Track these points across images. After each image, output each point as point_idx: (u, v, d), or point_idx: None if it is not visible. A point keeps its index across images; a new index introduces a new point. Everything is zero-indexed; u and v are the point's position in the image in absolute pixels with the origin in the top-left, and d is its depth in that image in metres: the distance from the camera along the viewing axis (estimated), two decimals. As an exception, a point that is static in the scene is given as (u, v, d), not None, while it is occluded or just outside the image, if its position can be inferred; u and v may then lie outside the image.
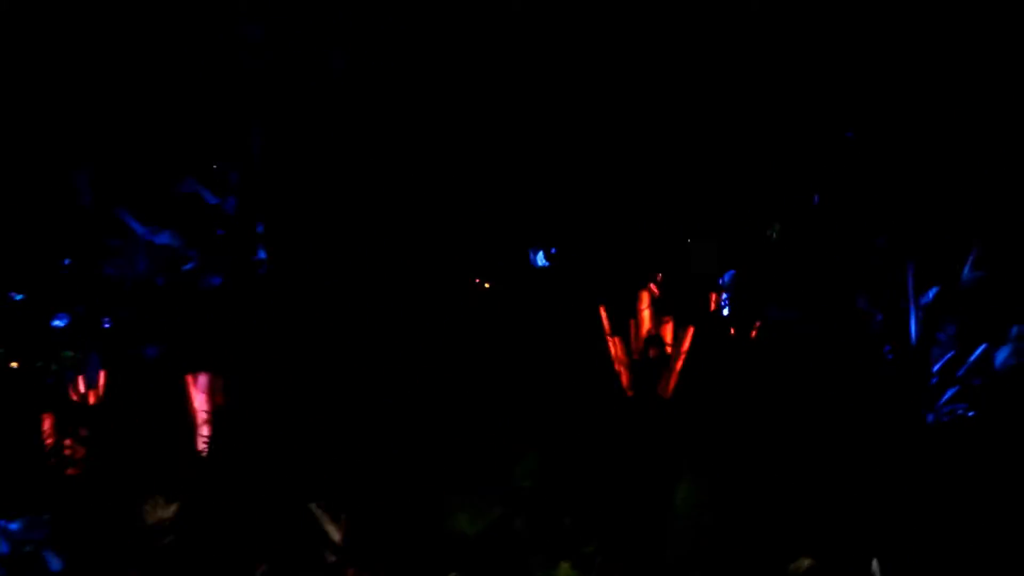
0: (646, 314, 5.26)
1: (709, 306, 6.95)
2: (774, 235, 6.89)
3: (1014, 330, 5.48)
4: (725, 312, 6.88)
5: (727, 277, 6.91)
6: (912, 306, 5.39)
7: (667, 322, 5.25)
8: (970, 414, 5.42)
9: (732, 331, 6.88)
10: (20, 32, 6.51)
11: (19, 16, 6.49)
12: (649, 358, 5.14)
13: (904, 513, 4.85)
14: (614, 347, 5.24)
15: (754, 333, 6.67)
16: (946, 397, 5.48)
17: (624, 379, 5.21)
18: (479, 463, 4.60)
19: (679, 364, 5.19)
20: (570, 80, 6.77)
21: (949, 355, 5.53)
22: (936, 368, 5.49)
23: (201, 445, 5.32)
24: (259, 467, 5.11)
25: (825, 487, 4.63)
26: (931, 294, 5.47)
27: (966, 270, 5.48)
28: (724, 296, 6.87)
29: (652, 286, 5.32)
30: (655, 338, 5.22)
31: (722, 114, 6.85)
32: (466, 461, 4.64)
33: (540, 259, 7.16)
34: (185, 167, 6.66)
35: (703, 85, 6.78)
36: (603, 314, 5.23)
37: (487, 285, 6.99)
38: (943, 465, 5.14)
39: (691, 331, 5.24)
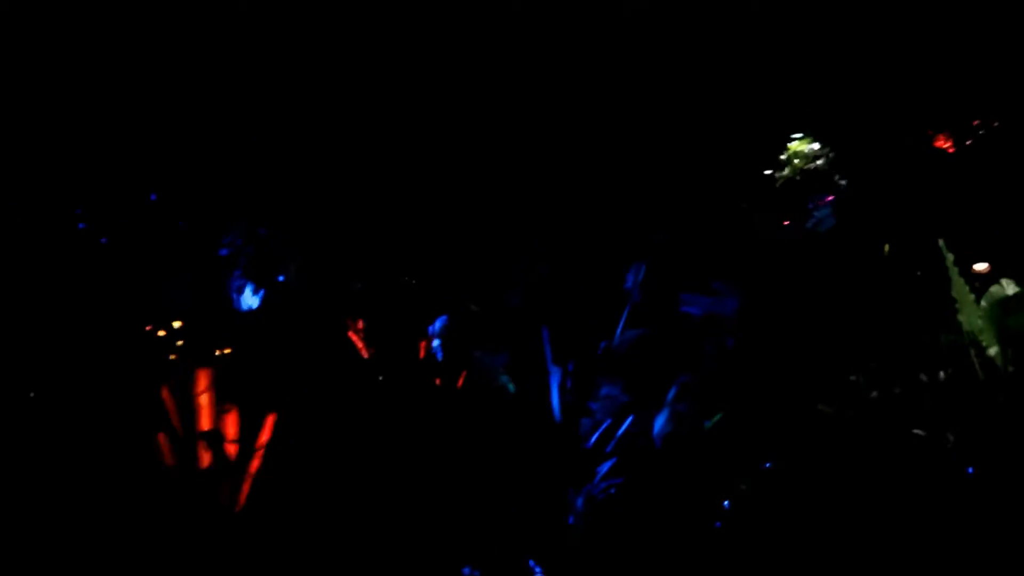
0: (204, 399, 4.17)
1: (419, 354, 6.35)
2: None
3: (671, 393, 5.10)
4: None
5: (438, 324, 6.29)
6: (552, 375, 4.84)
7: (230, 411, 4.19)
8: (627, 487, 4.94)
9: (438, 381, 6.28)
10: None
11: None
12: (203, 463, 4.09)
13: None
14: (162, 446, 4.12)
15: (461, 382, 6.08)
16: (602, 472, 4.96)
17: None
18: None
19: (254, 466, 4.16)
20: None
21: (605, 425, 5.04)
22: (592, 442, 4.97)
23: None
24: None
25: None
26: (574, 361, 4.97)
27: (618, 330, 5.02)
28: (436, 343, 6.29)
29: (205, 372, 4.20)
30: (212, 433, 4.16)
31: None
32: None
33: None
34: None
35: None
36: (167, 398, 4.07)
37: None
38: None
39: (271, 420, 4.26)
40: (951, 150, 7.41)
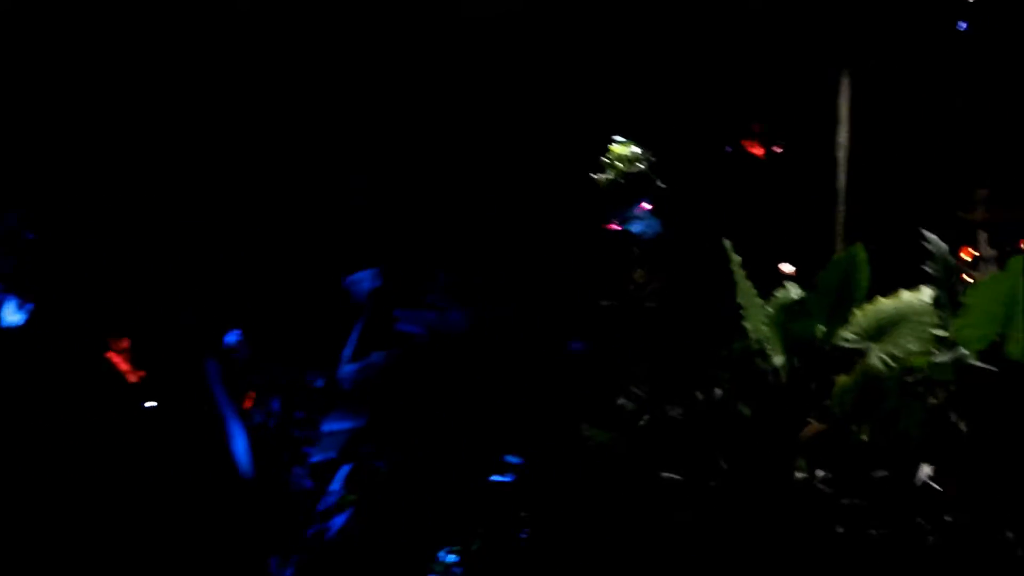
0: None
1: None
2: None
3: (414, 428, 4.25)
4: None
5: (232, 338, 5.34)
6: (229, 419, 3.93)
7: None
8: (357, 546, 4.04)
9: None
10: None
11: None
12: None
13: None
14: None
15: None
16: (336, 528, 4.03)
17: None
18: None
19: None
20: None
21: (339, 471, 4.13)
22: (306, 492, 4.05)
23: None
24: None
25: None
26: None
27: (347, 352, 4.14)
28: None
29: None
30: None
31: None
32: None
33: None
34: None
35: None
36: None
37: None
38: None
39: None
40: (761, 155, 7.49)
